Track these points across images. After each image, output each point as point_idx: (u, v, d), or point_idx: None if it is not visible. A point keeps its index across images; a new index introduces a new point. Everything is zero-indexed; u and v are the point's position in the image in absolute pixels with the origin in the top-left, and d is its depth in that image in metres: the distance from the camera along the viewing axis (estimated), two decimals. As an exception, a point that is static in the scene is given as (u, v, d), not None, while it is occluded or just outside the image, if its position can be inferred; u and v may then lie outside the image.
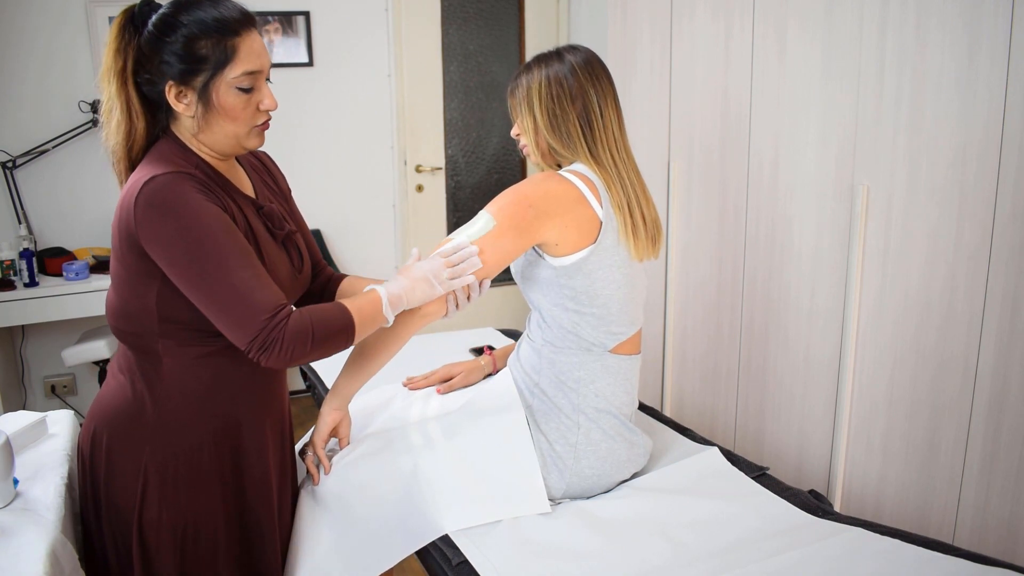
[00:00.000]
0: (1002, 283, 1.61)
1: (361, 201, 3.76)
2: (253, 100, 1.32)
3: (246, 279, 1.24)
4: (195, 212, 1.23)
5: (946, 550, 1.30)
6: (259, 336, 1.23)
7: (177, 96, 1.29)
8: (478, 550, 1.36)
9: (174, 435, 1.36)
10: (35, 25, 3.15)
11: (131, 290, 1.31)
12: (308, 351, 1.26)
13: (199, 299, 1.25)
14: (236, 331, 1.25)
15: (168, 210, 1.22)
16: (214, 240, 1.23)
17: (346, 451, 1.57)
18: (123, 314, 1.34)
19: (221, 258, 1.23)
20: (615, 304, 1.52)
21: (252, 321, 1.23)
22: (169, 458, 1.36)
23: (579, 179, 1.49)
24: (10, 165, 3.12)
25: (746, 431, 2.32)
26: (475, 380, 1.79)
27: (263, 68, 1.32)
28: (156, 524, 1.36)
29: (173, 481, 1.36)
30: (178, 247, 1.23)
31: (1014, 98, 1.54)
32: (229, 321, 1.24)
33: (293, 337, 1.24)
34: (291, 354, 1.25)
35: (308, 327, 1.26)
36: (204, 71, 1.27)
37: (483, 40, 3.89)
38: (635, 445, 1.58)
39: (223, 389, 1.38)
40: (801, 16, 1.98)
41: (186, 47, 1.27)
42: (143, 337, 1.34)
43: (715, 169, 2.32)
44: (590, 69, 1.52)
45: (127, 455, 1.35)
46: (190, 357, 1.35)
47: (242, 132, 1.34)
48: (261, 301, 1.24)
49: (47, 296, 2.97)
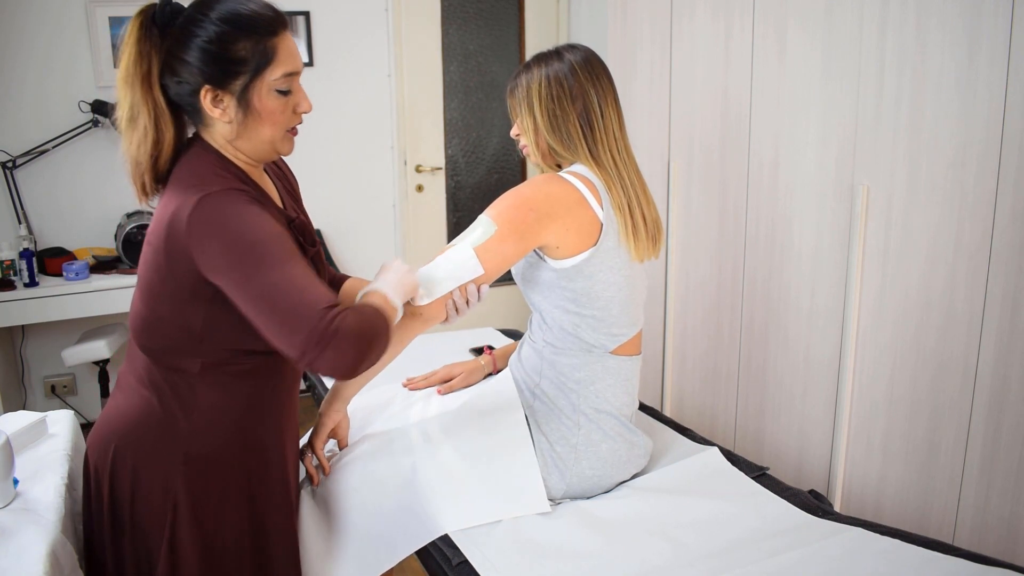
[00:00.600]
0: (1002, 283, 1.61)
1: (361, 201, 3.76)
2: (290, 103, 1.28)
3: (297, 277, 1.17)
4: (248, 221, 1.19)
5: (946, 550, 1.30)
6: (314, 332, 1.12)
7: (213, 101, 1.23)
8: (478, 550, 1.36)
9: (206, 453, 1.31)
10: (35, 25, 3.15)
11: (171, 306, 1.25)
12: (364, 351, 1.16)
13: (249, 304, 1.17)
14: (286, 331, 1.15)
15: (224, 225, 1.18)
16: (265, 244, 1.18)
17: (346, 452, 1.57)
18: (155, 329, 1.28)
19: (272, 260, 1.17)
20: (616, 306, 1.52)
21: (305, 318, 1.13)
22: (201, 476, 1.31)
23: (579, 181, 1.48)
24: (10, 165, 3.12)
25: (746, 431, 2.32)
26: (475, 380, 1.79)
27: (299, 70, 1.28)
28: (186, 541, 1.31)
29: (204, 499, 1.31)
30: (231, 256, 1.17)
31: (1014, 98, 1.54)
32: (279, 322, 1.15)
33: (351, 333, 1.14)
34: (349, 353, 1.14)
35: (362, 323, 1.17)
36: (244, 74, 1.22)
37: (483, 40, 3.89)
38: (635, 446, 1.58)
39: (254, 407, 1.34)
40: (801, 16, 1.98)
41: (224, 49, 1.21)
42: (175, 353, 1.28)
43: (715, 169, 2.32)
44: (590, 68, 1.52)
45: (156, 474, 1.30)
46: (225, 375, 1.30)
47: (278, 137, 1.29)
48: (315, 298, 1.15)
49: (47, 296, 2.97)
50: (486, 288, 1.47)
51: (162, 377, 1.30)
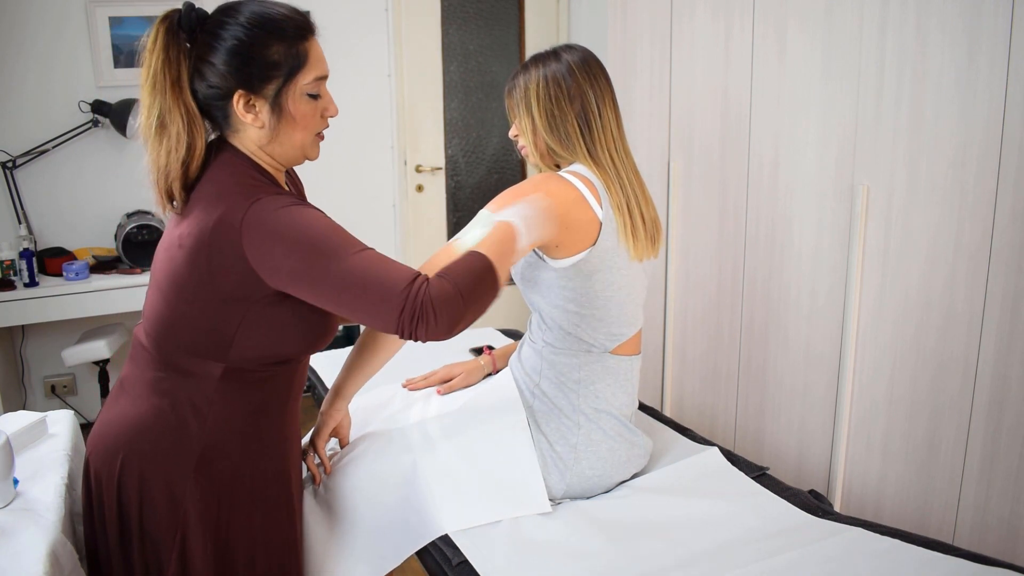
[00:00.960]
0: (1002, 283, 1.61)
1: (361, 201, 3.76)
2: (319, 107, 1.28)
3: (372, 259, 1.19)
4: (306, 221, 1.19)
5: (946, 550, 1.30)
6: (405, 310, 1.14)
7: (246, 106, 1.23)
8: (478, 550, 1.36)
9: (218, 462, 1.30)
10: (35, 25, 3.15)
11: (203, 309, 1.23)
12: (463, 310, 1.18)
13: (331, 297, 1.18)
14: (379, 312, 1.16)
15: (283, 229, 1.18)
16: (329, 236, 1.19)
17: (346, 451, 1.57)
18: (179, 331, 1.26)
19: (342, 249, 1.18)
20: (615, 305, 1.52)
21: (391, 297, 1.15)
22: (212, 486, 1.30)
23: (578, 180, 1.48)
24: (10, 165, 3.12)
25: (746, 431, 2.32)
26: (475, 380, 1.79)
27: (328, 73, 1.29)
28: (196, 553, 1.30)
29: (215, 509, 1.30)
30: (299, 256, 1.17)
31: (1014, 98, 1.54)
32: (369, 306, 1.16)
33: (441, 300, 1.15)
34: (446, 318, 1.16)
35: (452, 285, 1.17)
36: (277, 78, 1.22)
37: (483, 40, 3.89)
38: (635, 445, 1.58)
39: (266, 414, 1.34)
40: (801, 16, 1.98)
41: (257, 52, 1.21)
42: (197, 356, 1.26)
43: (715, 169, 2.32)
44: (588, 68, 1.52)
45: (165, 483, 1.28)
46: (244, 382, 1.29)
47: (308, 141, 1.29)
48: (395, 275, 1.17)
49: (47, 296, 2.97)
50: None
51: (176, 383, 1.28)
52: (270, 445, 1.36)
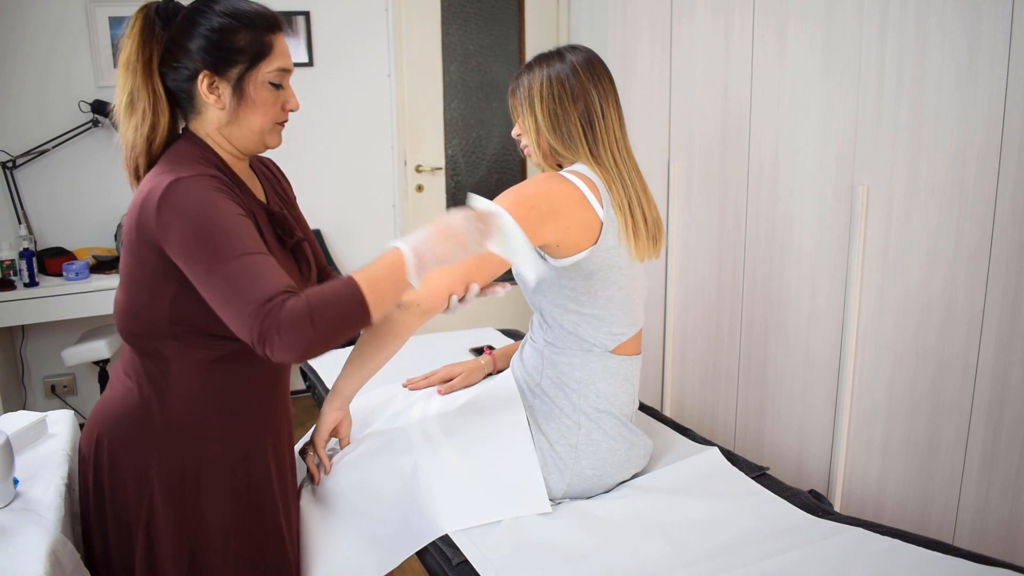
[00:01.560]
0: (1002, 283, 1.61)
1: (361, 201, 3.76)
2: (280, 98, 1.35)
3: (249, 268, 1.18)
4: (212, 208, 1.21)
5: (946, 550, 1.30)
6: (254, 326, 1.14)
7: (210, 87, 1.29)
8: (478, 550, 1.36)
9: (181, 442, 1.33)
10: (35, 25, 3.16)
11: (145, 290, 1.28)
12: (312, 339, 1.14)
13: (207, 294, 1.20)
14: (236, 324, 1.17)
15: (188, 209, 1.20)
16: (225, 233, 1.20)
17: (346, 451, 1.57)
18: (132, 314, 1.31)
19: (229, 250, 1.18)
20: (616, 305, 1.52)
21: (245, 310, 1.14)
22: (176, 466, 1.33)
23: (580, 180, 1.48)
24: (10, 165, 3.12)
25: (746, 431, 2.32)
26: (475, 380, 1.79)
27: (291, 68, 1.36)
28: (162, 533, 1.33)
29: (180, 490, 1.33)
30: (192, 243, 1.20)
31: (1014, 98, 1.54)
32: (230, 313, 1.17)
33: (289, 323, 1.12)
34: (292, 343, 1.13)
35: (306, 311, 1.13)
36: (241, 63, 1.29)
37: (483, 40, 3.89)
38: (635, 445, 1.58)
39: (231, 395, 1.35)
40: (801, 16, 1.98)
41: (225, 38, 1.28)
42: (152, 339, 1.31)
43: (715, 169, 2.32)
44: (592, 69, 1.52)
45: (132, 463, 1.32)
46: (198, 361, 1.32)
47: (266, 128, 1.35)
48: (259, 289, 1.15)
49: (47, 296, 2.97)
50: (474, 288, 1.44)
51: (141, 366, 1.33)
52: (240, 430, 1.38)
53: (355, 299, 1.17)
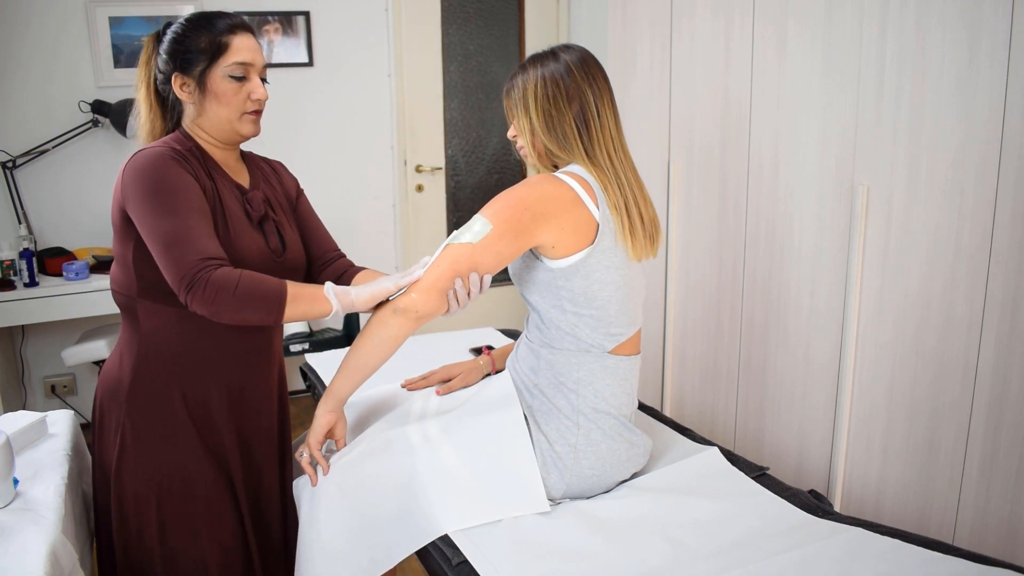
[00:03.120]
0: (1002, 283, 1.61)
1: (361, 201, 3.76)
2: (244, 89, 1.52)
3: (192, 227, 1.38)
4: (164, 173, 1.41)
5: (946, 550, 1.30)
6: (187, 276, 1.34)
7: (181, 86, 1.51)
8: (478, 550, 1.36)
9: (146, 396, 1.51)
10: (36, 25, 3.16)
11: (119, 253, 1.50)
12: (230, 302, 1.35)
13: (151, 246, 1.39)
14: (170, 271, 1.36)
15: (144, 172, 1.41)
16: (173, 194, 1.40)
17: (344, 451, 1.57)
18: (114, 277, 1.53)
19: (175, 208, 1.38)
20: (613, 305, 1.52)
21: (184, 261, 1.34)
22: (143, 417, 1.51)
23: (575, 180, 1.48)
24: (10, 165, 3.12)
25: (746, 431, 2.32)
26: (474, 380, 1.78)
27: (254, 62, 1.52)
28: (132, 475, 1.51)
29: (147, 440, 1.51)
30: (143, 200, 1.39)
31: (1014, 98, 1.54)
32: (167, 262, 1.36)
33: (218, 282, 1.34)
34: (214, 299, 1.34)
35: (234, 279, 1.35)
36: (202, 61, 1.49)
37: (483, 40, 3.89)
38: (635, 445, 1.58)
39: (193, 355, 1.52)
40: (801, 16, 1.98)
41: (187, 40, 1.50)
42: (129, 299, 1.51)
43: (715, 169, 2.32)
44: (586, 68, 1.52)
45: (110, 416, 1.53)
46: (166, 319, 1.50)
47: (234, 117, 1.52)
48: (199, 248, 1.36)
49: (47, 296, 2.97)
50: (488, 278, 1.47)
51: (124, 329, 1.55)
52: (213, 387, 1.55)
53: (278, 294, 1.40)
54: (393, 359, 1.52)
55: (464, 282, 1.44)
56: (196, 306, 1.35)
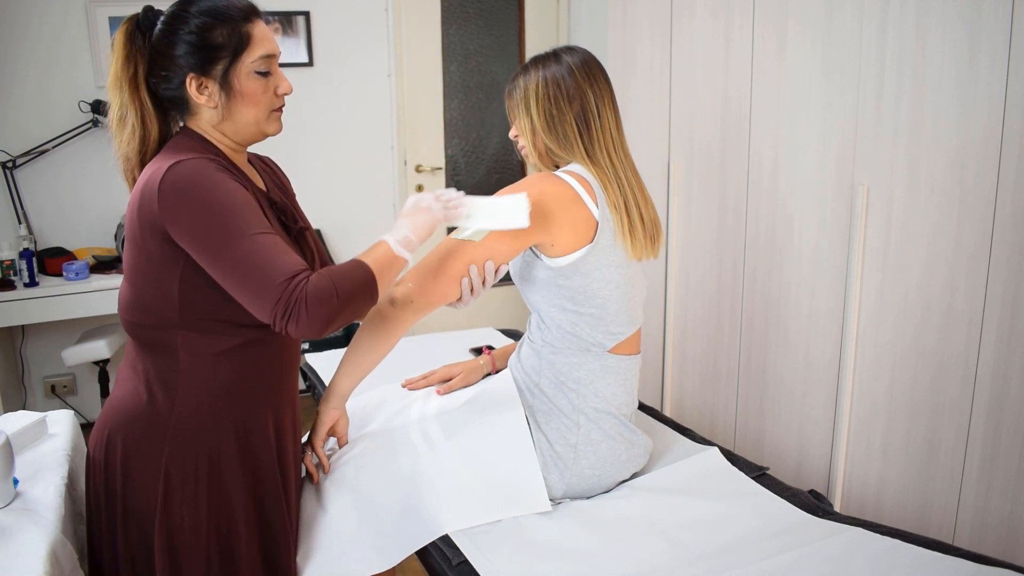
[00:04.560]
0: (1002, 283, 1.61)
1: (361, 201, 3.75)
2: (271, 84, 1.35)
3: (266, 245, 1.22)
4: (218, 188, 1.24)
5: (946, 550, 1.30)
6: (280, 301, 1.19)
7: (199, 88, 1.31)
8: (478, 550, 1.36)
9: (193, 436, 1.33)
10: (36, 25, 3.16)
11: (151, 280, 1.29)
12: (336, 310, 1.21)
13: (221, 273, 1.23)
14: (257, 300, 1.21)
15: (193, 189, 1.22)
16: (234, 213, 1.22)
17: (345, 450, 1.57)
18: (139, 307, 1.31)
19: (241, 229, 1.22)
20: (613, 304, 1.52)
21: (270, 287, 1.19)
22: (190, 460, 1.33)
23: (574, 179, 1.49)
24: (10, 165, 3.12)
25: (746, 431, 2.32)
26: (474, 380, 1.78)
27: (276, 52, 1.36)
28: (180, 527, 1.33)
29: (194, 483, 1.33)
30: (200, 222, 1.22)
31: (1014, 98, 1.54)
32: (249, 292, 1.21)
33: (316, 297, 1.19)
34: (319, 316, 1.19)
35: (330, 284, 1.21)
36: (223, 58, 1.30)
37: (483, 40, 3.89)
38: (635, 445, 1.58)
39: (242, 387, 1.36)
40: (801, 16, 1.98)
41: (202, 37, 1.29)
42: (161, 331, 1.31)
43: (715, 169, 2.32)
44: (587, 70, 1.52)
45: (145, 460, 1.32)
46: (210, 353, 1.32)
47: (262, 117, 1.36)
48: (280, 266, 1.20)
49: (47, 296, 2.97)
50: (504, 267, 1.47)
51: (149, 362, 1.33)
52: (253, 424, 1.38)
53: (367, 274, 1.27)
54: (394, 359, 1.52)
55: (480, 270, 1.44)
56: (301, 331, 1.20)
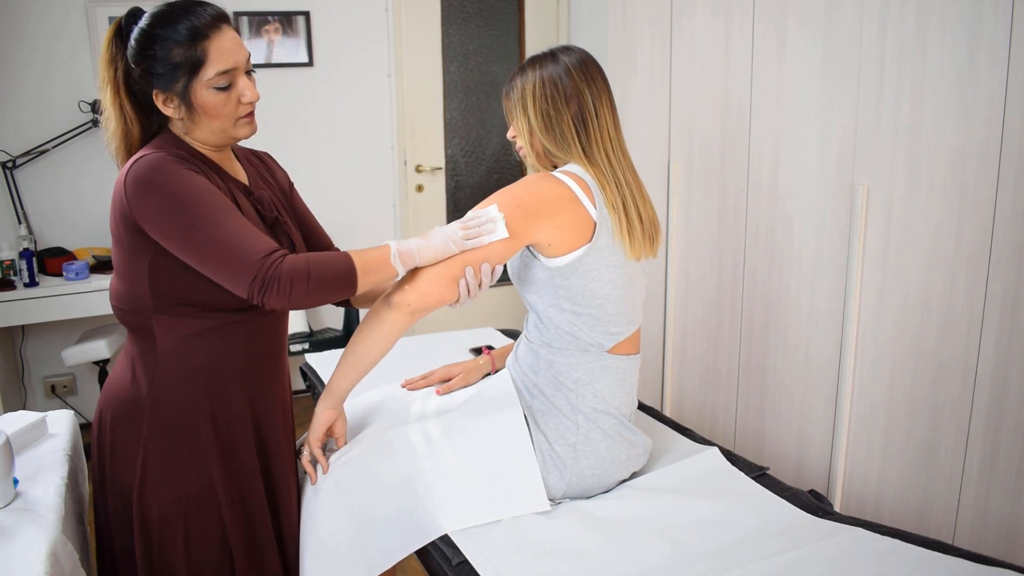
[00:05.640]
0: (1002, 283, 1.61)
1: (361, 201, 3.76)
2: (233, 96, 1.38)
3: (236, 229, 1.31)
4: (179, 179, 1.31)
5: (946, 550, 1.30)
6: (256, 277, 1.28)
7: (164, 102, 1.37)
8: (478, 550, 1.36)
9: (170, 413, 1.41)
10: (36, 25, 3.16)
11: (128, 269, 1.38)
12: (308, 289, 1.31)
13: (195, 258, 1.31)
14: (235, 277, 1.30)
15: (154, 181, 1.30)
16: (200, 200, 1.31)
17: (344, 450, 1.57)
18: (122, 295, 1.41)
19: (209, 214, 1.30)
20: (612, 304, 1.52)
21: (247, 264, 1.28)
22: (167, 435, 1.41)
23: (572, 179, 1.49)
24: (10, 165, 3.12)
25: (746, 431, 2.32)
26: (473, 380, 1.78)
27: (237, 65, 1.37)
28: (158, 499, 1.41)
29: (172, 457, 1.41)
30: (167, 213, 1.30)
31: (1014, 98, 1.54)
32: (227, 270, 1.30)
33: (290, 273, 1.29)
34: (290, 290, 1.29)
35: (304, 265, 1.31)
36: (181, 77, 1.34)
37: (483, 40, 3.89)
38: (634, 444, 1.58)
39: (218, 367, 1.43)
40: (801, 16, 1.98)
41: (162, 57, 1.34)
42: (140, 316, 1.40)
43: (715, 169, 2.32)
44: (585, 69, 1.52)
45: (127, 434, 1.42)
46: (184, 334, 1.40)
47: (228, 125, 1.40)
48: (254, 246, 1.30)
49: (47, 296, 2.97)
50: (499, 268, 1.47)
51: (133, 345, 1.44)
52: (234, 403, 1.45)
53: (347, 266, 1.35)
54: (393, 359, 1.52)
55: (475, 272, 1.44)
56: (273, 302, 1.30)
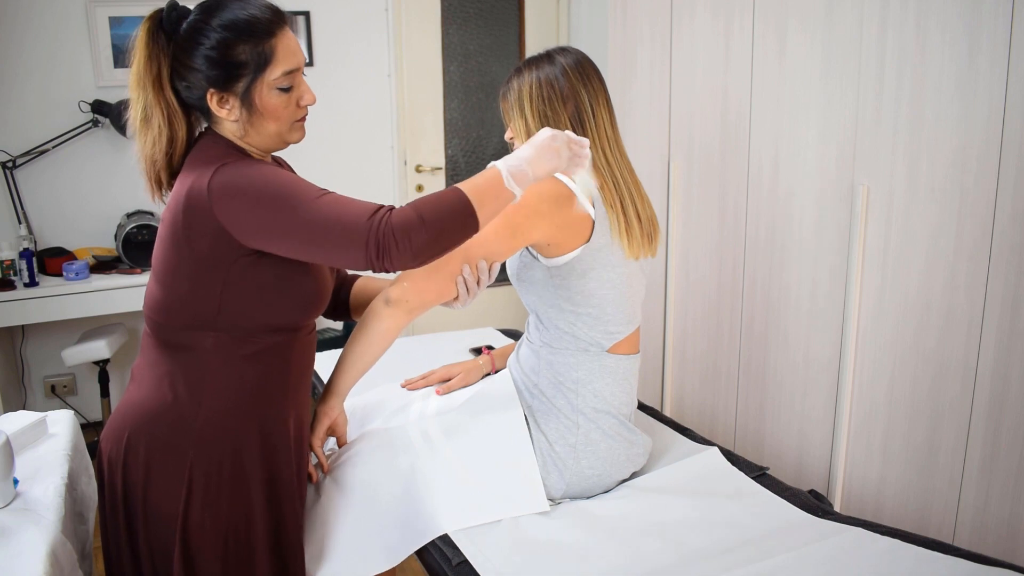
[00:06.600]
0: (1002, 283, 1.61)
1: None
2: (293, 97, 1.33)
3: (332, 202, 1.24)
4: (265, 174, 1.25)
5: (946, 550, 1.30)
6: (369, 240, 1.20)
7: (219, 103, 1.28)
8: (478, 550, 1.36)
9: (218, 438, 1.33)
10: (36, 25, 3.15)
11: (188, 281, 1.28)
12: (428, 236, 1.22)
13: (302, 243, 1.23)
14: (348, 249, 1.21)
15: (244, 183, 1.23)
16: (290, 186, 1.24)
17: (344, 450, 1.57)
18: (170, 308, 1.31)
19: (304, 196, 1.23)
20: (611, 303, 1.52)
21: (355, 230, 1.20)
22: (214, 461, 1.32)
23: (569, 178, 1.49)
24: (10, 165, 3.12)
25: (746, 431, 2.32)
26: (474, 380, 1.78)
27: (300, 65, 1.32)
28: (200, 528, 1.33)
29: (217, 485, 1.33)
30: (262, 207, 1.22)
31: (1014, 98, 1.54)
32: (337, 244, 1.21)
33: (402, 225, 1.21)
34: (410, 242, 1.20)
35: (413, 211, 1.23)
36: (245, 76, 1.27)
37: (483, 40, 3.89)
38: (634, 444, 1.58)
39: (265, 388, 1.36)
40: (801, 16, 1.98)
41: (224, 54, 1.25)
42: (191, 331, 1.30)
43: (715, 169, 2.32)
44: (581, 70, 1.52)
45: (169, 460, 1.32)
46: (239, 355, 1.32)
47: (284, 129, 1.34)
48: (356, 210, 1.23)
49: (47, 296, 2.97)
50: (497, 267, 1.47)
51: (174, 362, 1.32)
52: (275, 424, 1.38)
53: (459, 199, 1.26)
54: (393, 359, 1.52)
55: (472, 270, 1.44)
56: (397, 262, 1.20)
